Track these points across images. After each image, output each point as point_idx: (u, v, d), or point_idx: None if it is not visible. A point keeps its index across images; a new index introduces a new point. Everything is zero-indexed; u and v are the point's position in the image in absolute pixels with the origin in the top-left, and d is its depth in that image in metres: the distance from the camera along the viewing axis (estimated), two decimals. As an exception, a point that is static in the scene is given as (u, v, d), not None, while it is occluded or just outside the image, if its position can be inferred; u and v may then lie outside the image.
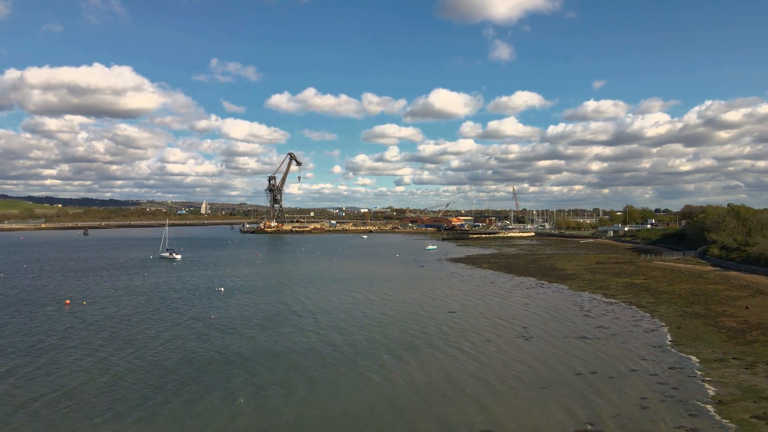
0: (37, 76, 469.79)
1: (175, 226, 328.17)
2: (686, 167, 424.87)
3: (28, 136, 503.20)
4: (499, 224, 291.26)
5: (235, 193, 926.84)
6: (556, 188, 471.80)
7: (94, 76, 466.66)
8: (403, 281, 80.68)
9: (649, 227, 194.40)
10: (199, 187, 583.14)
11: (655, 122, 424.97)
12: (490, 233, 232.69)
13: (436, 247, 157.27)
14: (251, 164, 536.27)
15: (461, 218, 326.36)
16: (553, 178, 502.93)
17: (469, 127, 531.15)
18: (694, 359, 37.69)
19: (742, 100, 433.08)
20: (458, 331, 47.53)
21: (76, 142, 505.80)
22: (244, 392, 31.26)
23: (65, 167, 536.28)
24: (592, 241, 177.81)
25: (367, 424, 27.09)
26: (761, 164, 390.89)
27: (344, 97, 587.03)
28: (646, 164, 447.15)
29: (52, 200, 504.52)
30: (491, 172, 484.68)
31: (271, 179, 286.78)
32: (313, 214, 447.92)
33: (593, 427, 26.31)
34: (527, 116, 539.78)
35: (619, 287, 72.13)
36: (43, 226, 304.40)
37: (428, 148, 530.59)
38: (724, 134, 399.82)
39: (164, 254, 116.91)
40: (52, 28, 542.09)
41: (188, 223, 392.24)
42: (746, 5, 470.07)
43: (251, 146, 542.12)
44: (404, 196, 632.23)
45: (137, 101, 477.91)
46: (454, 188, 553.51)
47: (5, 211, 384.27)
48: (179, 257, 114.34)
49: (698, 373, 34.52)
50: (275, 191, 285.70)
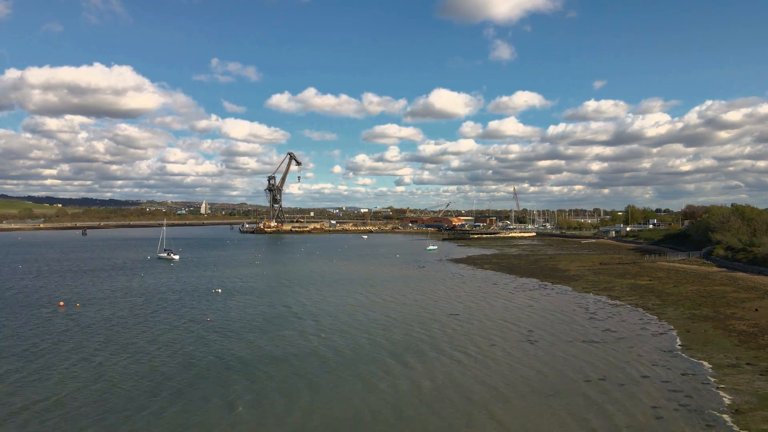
0: (37, 75, 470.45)
1: (174, 226, 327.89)
2: (686, 167, 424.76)
3: (28, 135, 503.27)
4: (500, 224, 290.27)
5: (235, 193, 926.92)
6: (556, 188, 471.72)
7: (94, 75, 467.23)
8: (404, 282, 79.56)
9: (651, 227, 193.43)
10: (199, 187, 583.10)
11: (655, 122, 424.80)
12: (491, 233, 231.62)
13: (436, 247, 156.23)
14: (251, 164, 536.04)
15: (462, 218, 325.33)
16: (553, 178, 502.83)
17: (469, 127, 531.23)
18: (706, 365, 36.57)
19: (742, 100, 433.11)
20: (463, 334, 46.43)
21: (76, 142, 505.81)
22: (243, 400, 30.18)
23: (65, 167, 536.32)
24: (594, 241, 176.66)
25: (371, 434, 25.98)
26: (761, 164, 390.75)
27: (344, 97, 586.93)
28: (646, 164, 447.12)
29: (52, 200, 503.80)
30: (491, 172, 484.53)
31: (270, 179, 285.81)
32: (313, 214, 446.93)
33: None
34: (527, 116, 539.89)
35: (623, 288, 71.02)
36: (41, 226, 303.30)
37: (428, 148, 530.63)
38: (724, 134, 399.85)
39: (162, 255, 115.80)
40: (52, 27, 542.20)
41: (188, 223, 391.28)
42: (746, 5, 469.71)
43: (251, 146, 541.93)
44: (404, 196, 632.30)
45: (137, 101, 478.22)
46: (454, 188, 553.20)
47: (4, 211, 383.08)
48: (177, 258, 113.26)
49: (712, 379, 33.40)
50: (275, 191, 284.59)
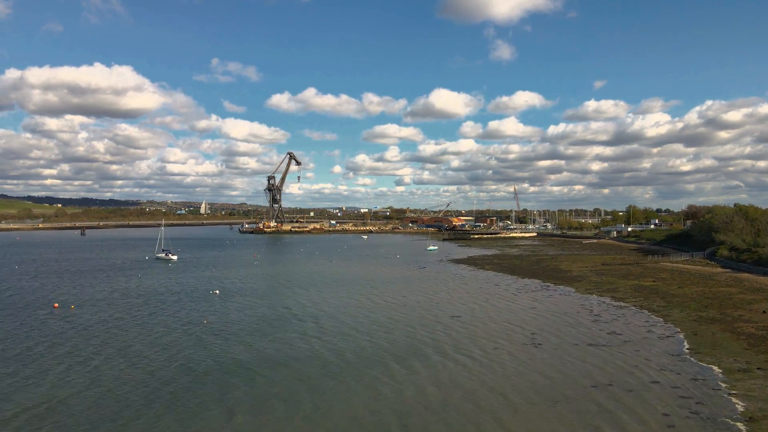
0: (37, 75, 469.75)
1: (173, 226, 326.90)
2: (687, 167, 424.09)
3: (28, 135, 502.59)
4: (500, 224, 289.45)
5: (235, 193, 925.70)
6: (556, 188, 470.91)
7: (94, 75, 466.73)
8: (405, 283, 78.63)
9: (652, 227, 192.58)
10: (199, 187, 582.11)
11: (655, 122, 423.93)
12: (491, 233, 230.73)
13: (437, 247, 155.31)
14: (251, 164, 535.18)
15: (462, 218, 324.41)
16: (553, 178, 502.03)
17: (469, 127, 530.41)
18: (716, 369, 35.65)
19: (742, 100, 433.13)
20: (467, 336, 45.57)
21: (76, 142, 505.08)
22: (242, 407, 29.26)
23: (65, 167, 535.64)
24: (595, 241, 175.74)
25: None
26: (762, 164, 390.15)
27: (345, 97, 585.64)
28: (646, 164, 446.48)
29: (52, 200, 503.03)
30: (491, 172, 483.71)
31: (270, 179, 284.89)
32: (312, 214, 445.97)
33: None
34: (528, 116, 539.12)
35: (627, 290, 70.12)
36: (40, 226, 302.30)
37: (428, 148, 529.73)
38: (724, 134, 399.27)
39: (160, 255, 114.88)
40: (52, 27, 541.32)
41: (187, 223, 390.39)
42: (747, 5, 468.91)
43: (251, 146, 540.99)
44: (404, 196, 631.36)
45: (138, 101, 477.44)
46: (454, 188, 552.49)
47: (3, 211, 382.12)
48: (175, 258, 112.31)
49: (723, 385, 32.47)
50: (274, 191, 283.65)
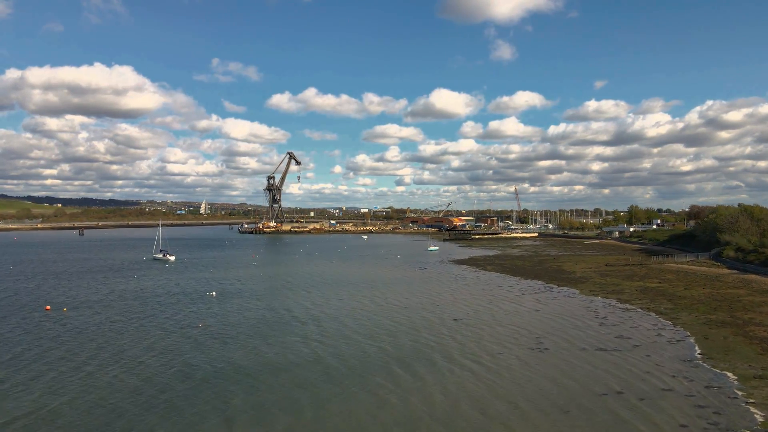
0: (37, 75, 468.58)
1: (173, 226, 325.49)
2: (687, 167, 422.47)
3: (28, 135, 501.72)
4: (501, 224, 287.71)
5: (235, 193, 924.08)
6: (556, 188, 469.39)
7: (94, 75, 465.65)
8: (407, 285, 76.92)
9: (655, 228, 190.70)
10: (199, 187, 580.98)
11: (656, 122, 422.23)
12: (492, 234, 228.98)
13: (437, 248, 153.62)
14: (252, 164, 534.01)
15: (462, 218, 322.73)
16: (553, 178, 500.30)
17: (469, 127, 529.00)
18: (730, 376, 33.93)
19: (743, 100, 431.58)
20: (473, 340, 43.94)
21: (76, 141, 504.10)
22: (242, 417, 27.64)
23: (66, 167, 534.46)
24: (597, 242, 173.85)
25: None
26: (762, 164, 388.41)
27: (345, 97, 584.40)
28: (646, 164, 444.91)
29: (52, 200, 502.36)
30: (492, 172, 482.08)
31: (270, 179, 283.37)
32: (312, 214, 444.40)
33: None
34: (528, 116, 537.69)
35: (633, 291, 68.39)
36: (39, 226, 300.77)
37: (429, 148, 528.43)
38: (725, 134, 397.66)
39: (157, 255, 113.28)
40: (52, 27, 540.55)
41: (187, 223, 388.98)
42: (747, 5, 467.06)
43: (252, 146, 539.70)
44: (404, 196, 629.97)
45: (138, 101, 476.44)
46: (454, 188, 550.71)
47: (3, 210, 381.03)
48: (173, 258, 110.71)
49: (739, 393, 30.77)
50: (274, 191, 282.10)
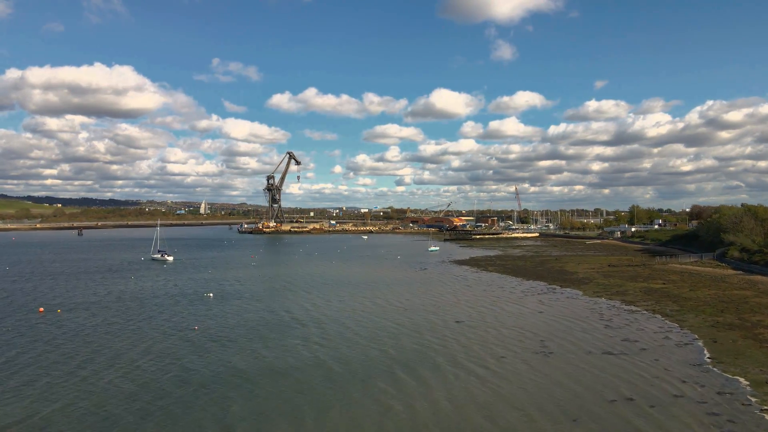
0: (38, 75, 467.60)
1: (172, 226, 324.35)
2: (687, 167, 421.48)
3: (28, 135, 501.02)
4: (502, 224, 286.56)
5: (235, 193, 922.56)
6: (556, 188, 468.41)
7: (95, 75, 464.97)
8: (408, 285, 75.76)
9: (656, 228, 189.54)
10: (199, 187, 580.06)
11: (656, 122, 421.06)
12: (493, 234, 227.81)
13: (438, 248, 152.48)
14: (252, 164, 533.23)
15: (463, 218, 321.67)
16: (553, 178, 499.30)
17: (470, 127, 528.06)
18: (742, 381, 32.79)
19: (743, 100, 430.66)
20: (478, 343, 42.84)
21: (76, 141, 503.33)
22: (242, 426, 26.60)
23: (66, 167, 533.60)
24: (599, 242, 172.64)
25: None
26: (762, 164, 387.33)
27: (345, 97, 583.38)
28: (647, 164, 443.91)
29: (52, 200, 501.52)
30: (492, 172, 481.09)
31: (269, 179, 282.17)
32: (312, 214, 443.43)
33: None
34: (528, 116, 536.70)
35: (637, 293, 67.24)
36: (38, 226, 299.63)
37: (429, 148, 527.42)
38: (725, 134, 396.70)
39: (155, 256, 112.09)
40: (53, 27, 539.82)
41: (186, 223, 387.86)
42: (748, 5, 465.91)
43: (252, 146, 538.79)
44: (405, 196, 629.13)
45: (138, 101, 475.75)
46: (454, 188, 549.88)
47: (2, 211, 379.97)
48: (171, 259, 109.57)
49: (753, 400, 29.64)
50: (274, 191, 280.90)
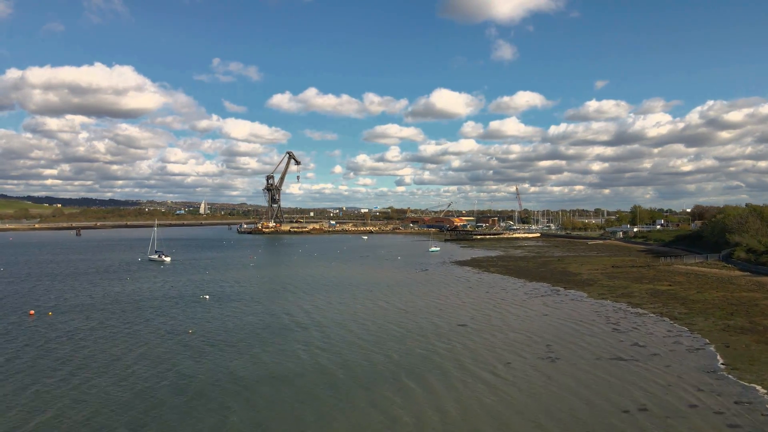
0: (38, 75, 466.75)
1: (172, 226, 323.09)
2: (687, 167, 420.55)
3: (28, 135, 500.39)
4: (502, 225, 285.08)
5: (235, 193, 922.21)
6: (557, 188, 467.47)
7: (95, 75, 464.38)
8: (409, 287, 74.28)
9: (659, 228, 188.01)
10: (199, 187, 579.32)
11: (656, 122, 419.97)
12: (494, 234, 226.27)
13: (439, 249, 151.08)
14: (252, 164, 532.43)
15: (463, 218, 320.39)
16: (554, 178, 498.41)
17: (470, 127, 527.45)
18: (760, 390, 31.33)
19: (744, 100, 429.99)
20: (485, 347, 41.54)
21: (76, 141, 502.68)
22: None
23: (66, 167, 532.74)
24: (601, 242, 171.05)
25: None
26: (763, 164, 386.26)
27: (346, 97, 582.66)
28: (647, 164, 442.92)
29: (52, 200, 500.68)
30: (492, 172, 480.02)
31: (269, 179, 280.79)
32: (312, 214, 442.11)
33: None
34: (529, 116, 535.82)
35: (643, 295, 65.76)
36: (36, 226, 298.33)
37: (429, 148, 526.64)
38: (725, 134, 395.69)
39: (153, 256, 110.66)
40: (53, 27, 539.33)
41: (186, 223, 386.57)
42: (748, 5, 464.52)
43: (252, 146, 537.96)
44: (405, 196, 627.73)
45: (138, 101, 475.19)
46: (454, 188, 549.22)
47: (1, 211, 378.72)
48: (168, 260, 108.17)
49: (773, 409, 28.19)
50: (273, 191, 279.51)
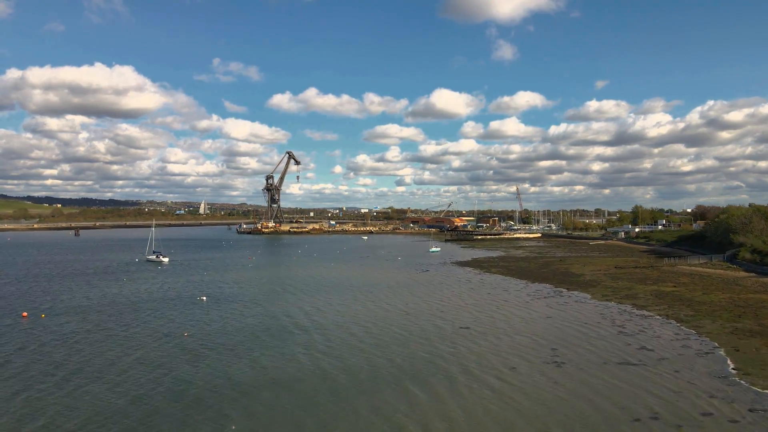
0: (38, 75, 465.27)
1: (171, 226, 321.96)
2: (687, 167, 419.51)
3: (29, 136, 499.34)
4: (503, 225, 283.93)
5: (235, 193, 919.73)
6: (557, 188, 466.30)
7: (95, 75, 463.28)
8: (411, 288, 73.14)
9: (661, 228, 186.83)
10: (199, 187, 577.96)
11: (657, 122, 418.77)
12: (494, 234, 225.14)
13: (439, 249, 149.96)
14: (252, 164, 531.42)
15: (464, 219, 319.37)
16: (554, 178, 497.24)
17: (470, 127, 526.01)
18: (774, 396, 30.22)
19: (744, 100, 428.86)
20: (490, 351, 40.53)
21: (77, 142, 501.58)
22: None
23: (66, 167, 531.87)
24: (603, 242, 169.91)
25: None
26: (763, 164, 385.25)
27: (346, 97, 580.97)
28: (647, 164, 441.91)
29: (52, 200, 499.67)
30: (492, 172, 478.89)
31: (268, 179, 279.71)
32: (312, 214, 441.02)
33: None
34: (529, 116, 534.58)
35: (648, 296, 64.63)
36: (35, 226, 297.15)
37: (429, 148, 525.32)
38: (726, 134, 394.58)
39: (150, 257, 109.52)
40: (53, 27, 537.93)
41: (185, 223, 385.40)
42: (749, 5, 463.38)
43: (252, 146, 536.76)
44: (405, 196, 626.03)
45: (138, 101, 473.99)
46: (454, 188, 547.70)
47: (1, 211, 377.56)
48: (166, 260, 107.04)
49: (789, 418, 27.07)
50: (273, 191, 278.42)
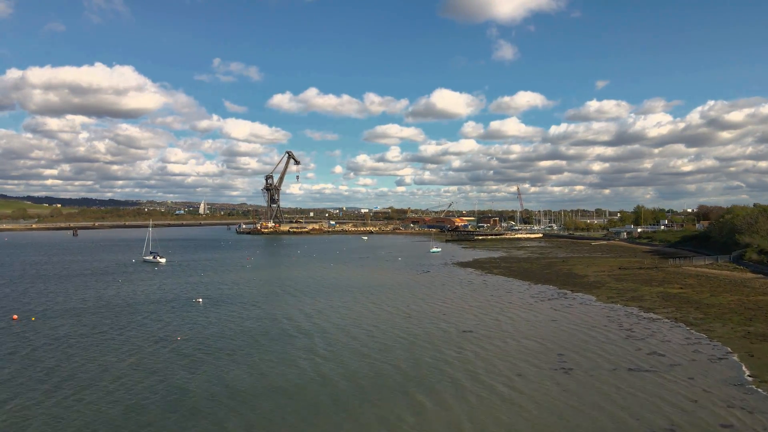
0: (38, 75, 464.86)
1: (170, 226, 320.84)
2: (688, 168, 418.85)
3: (29, 135, 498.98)
4: (504, 225, 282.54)
5: (235, 193, 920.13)
6: (557, 188, 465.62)
7: (95, 75, 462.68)
8: (412, 290, 71.65)
9: (663, 228, 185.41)
10: (199, 187, 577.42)
11: (657, 122, 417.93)
12: (495, 234, 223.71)
13: (440, 249, 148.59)
14: (252, 164, 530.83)
15: (464, 219, 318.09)
16: (554, 178, 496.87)
17: (470, 127, 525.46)
18: (795, 406, 28.72)
19: (744, 100, 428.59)
20: (498, 357, 38.93)
21: (77, 142, 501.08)
22: None
23: (66, 167, 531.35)
24: (605, 243, 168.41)
25: None
26: (763, 164, 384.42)
27: (346, 97, 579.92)
28: (647, 165, 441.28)
29: (52, 200, 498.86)
30: (492, 172, 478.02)
31: (268, 178, 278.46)
32: (312, 214, 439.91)
33: None
34: (529, 116, 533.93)
35: (654, 298, 63.10)
36: (34, 226, 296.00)
37: (430, 148, 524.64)
38: (726, 134, 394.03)
39: (148, 258, 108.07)
40: (54, 27, 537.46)
41: (185, 223, 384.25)
42: (749, 5, 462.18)
43: (252, 146, 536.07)
44: (405, 196, 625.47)
45: (139, 101, 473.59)
46: (455, 188, 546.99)
47: (0, 211, 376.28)
48: (164, 261, 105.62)
49: (814, 430, 25.57)
50: (272, 191, 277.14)
